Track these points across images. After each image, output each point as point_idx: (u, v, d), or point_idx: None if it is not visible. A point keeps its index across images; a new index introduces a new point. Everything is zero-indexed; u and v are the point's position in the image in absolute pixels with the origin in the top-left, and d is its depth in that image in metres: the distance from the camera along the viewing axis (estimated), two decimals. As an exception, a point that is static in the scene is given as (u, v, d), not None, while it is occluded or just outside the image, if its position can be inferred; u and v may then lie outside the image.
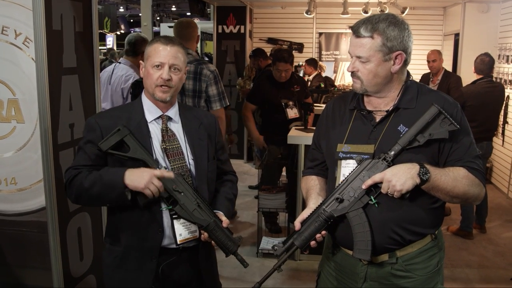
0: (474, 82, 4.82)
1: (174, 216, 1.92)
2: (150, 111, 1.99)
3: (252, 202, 5.58)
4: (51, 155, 2.41)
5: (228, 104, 3.69)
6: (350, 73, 1.80)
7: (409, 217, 1.73)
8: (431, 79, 5.76)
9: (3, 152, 2.52)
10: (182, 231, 1.94)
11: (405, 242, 1.75)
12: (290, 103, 4.72)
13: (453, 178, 1.67)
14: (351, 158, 1.77)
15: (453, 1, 7.19)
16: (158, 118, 2.00)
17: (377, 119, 1.79)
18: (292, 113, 4.71)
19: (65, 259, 2.58)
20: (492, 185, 6.54)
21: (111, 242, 2.02)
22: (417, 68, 6.88)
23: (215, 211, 1.96)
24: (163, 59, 1.92)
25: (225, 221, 1.95)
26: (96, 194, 1.85)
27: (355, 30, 1.73)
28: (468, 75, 5.90)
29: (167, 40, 1.98)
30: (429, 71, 5.82)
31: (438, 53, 5.70)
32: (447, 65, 7.30)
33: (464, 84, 5.52)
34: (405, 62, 1.75)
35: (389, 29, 1.69)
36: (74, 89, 2.61)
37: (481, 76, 4.75)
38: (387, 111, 1.77)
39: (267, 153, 4.78)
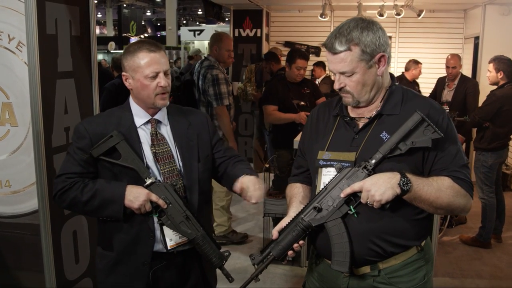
0: (502, 86, 4.49)
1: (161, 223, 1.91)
2: (139, 115, 1.97)
3: (262, 207, 5.51)
4: (43, 158, 2.42)
5: (228, 103, 4.26)
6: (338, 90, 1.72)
7: (390, 229, 1.66)
8: (447, 84, 5.60)
9: (-2, 155, 2.55)
10: (172, 236, 1.92)
11: (386, 254, 1.68)
12: (302, 103, 4.68)
13: (437, 189, 1.60)
14: (331, 166, 1.71)
15: (473, 4, 7.00)
16: (147, 122, 1.97)
17: (360, 126, 1.73)
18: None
19: (59, 261, 2.58)
20: (511, 192, 6.32)
21: (103, 247, 2.01)
22: (435, 72, 6.73)
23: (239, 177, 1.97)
24: (157, 68, 1.88)
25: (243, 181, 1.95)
26: (93, 208, 1.87)
27: (330, 47, 1.65)
28: (487, 80, 5.71)
29: (151, 46, 1.90)
30: (445, 74, 5.66)
31: (459, 58, 5.52)
32: (468, 69, 7.11)
33: (481, 89, 5.36)
34: (388, 61, 1.68)
35: (363, 36, 1.62)
36: (70, 93, 2.62)
37: (507, 80, 4.45)
38: (369, 117, 1.71)
39: (277, 158, 4.71)
